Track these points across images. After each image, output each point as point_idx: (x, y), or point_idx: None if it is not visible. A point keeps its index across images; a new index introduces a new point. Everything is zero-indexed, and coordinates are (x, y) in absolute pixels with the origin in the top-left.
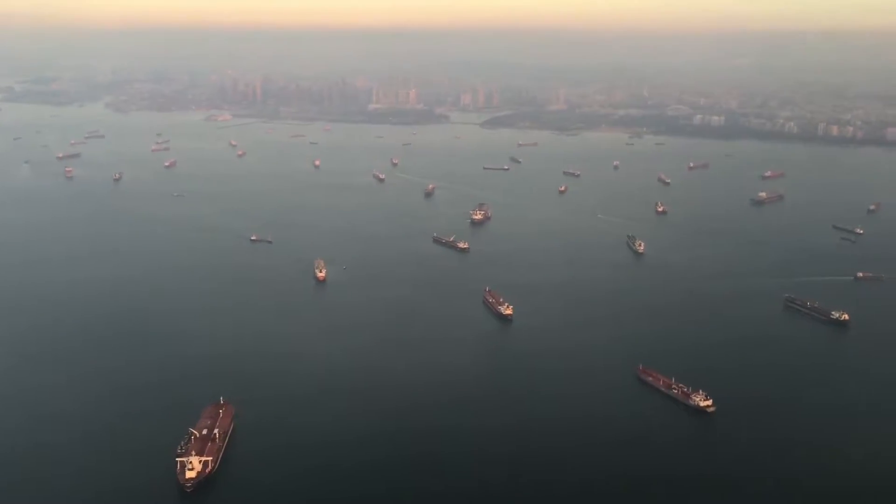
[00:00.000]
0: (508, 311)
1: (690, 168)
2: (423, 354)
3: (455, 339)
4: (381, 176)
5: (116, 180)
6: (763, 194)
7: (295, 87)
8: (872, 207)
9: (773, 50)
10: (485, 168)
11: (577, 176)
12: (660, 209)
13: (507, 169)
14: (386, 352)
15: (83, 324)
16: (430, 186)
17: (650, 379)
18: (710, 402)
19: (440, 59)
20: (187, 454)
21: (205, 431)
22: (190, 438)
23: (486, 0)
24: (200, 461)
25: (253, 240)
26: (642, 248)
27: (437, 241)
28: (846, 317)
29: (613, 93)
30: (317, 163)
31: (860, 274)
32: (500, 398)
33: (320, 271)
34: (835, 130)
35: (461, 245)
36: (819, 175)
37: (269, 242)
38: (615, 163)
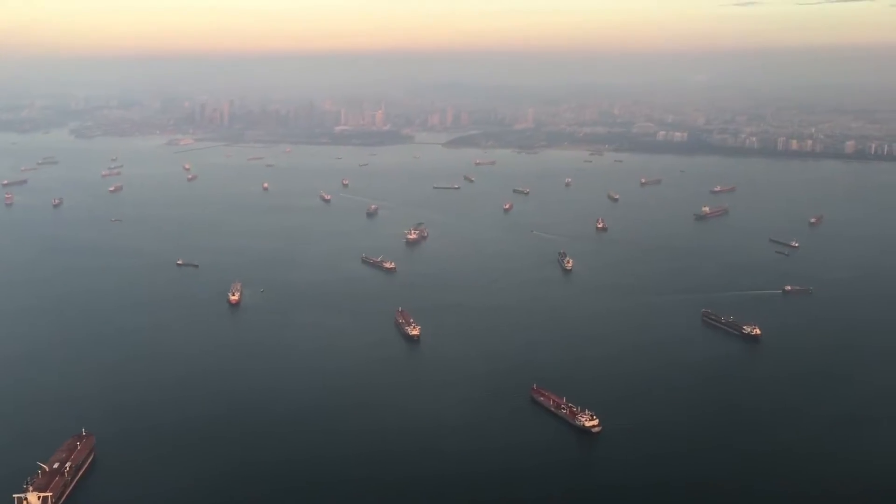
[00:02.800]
0: (415, 332)
1: (643, 184)
2: (317, 377)
3: (355, 359)
4: (327, 197)
5: (55, 206)
6: (706, 209)
7: (261, 111)
8: (813, 220)
9: (747, 67)
10: (435, 187)
11: (527, 193)
12: (599, 225)
13: (458, 188)
14: (278, 375)
15: None
16: (373, 207)
17: (542, 399)
18: (595, 422)
19: (412, 82)
20: (26, 491)
21: (56, 465)
22: (38, 474)
23: (461, 23)
24: (39, 497)
25: (179, 264)
26: (570, 265)
27: (365, 261)
28: (758, 331)
29: (583, 111)
30: (265, 185)
31: (788, 287)
32: (389, 422)
33: (233, 295)
34: (794, 144)
35: (388, 265)
36: (770, 189)
37: (196, 266)
38: (567, 180)
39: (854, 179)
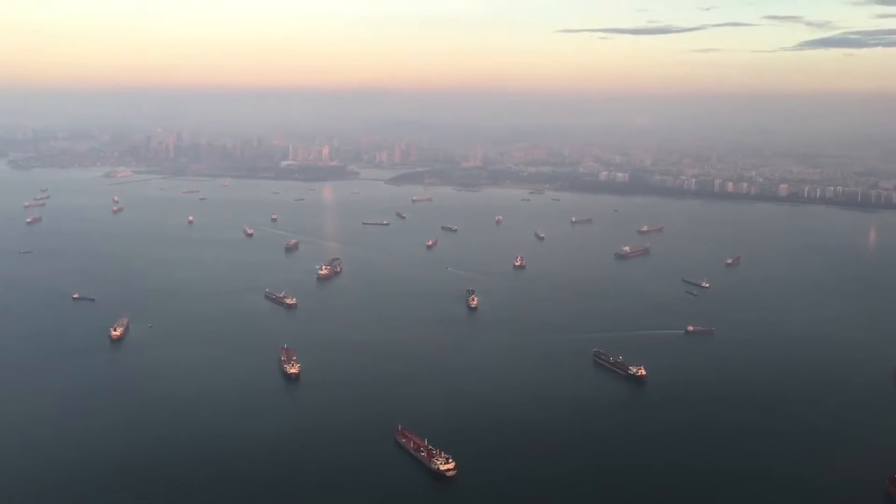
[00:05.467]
0: (294, 370)
1: (573, 223)
2: (176, 417)
3: (222, 396)
4: (250, 231)
5: None
6: (627, 248)
7: (208, 144)
8: (730, 261)
9: (700, 111)
10: (364, 223)
11: (455, 231)
12: (517, 263)
13: (387, 224)
14: (129, 413)
15: None
16: (293, 241)
17: (404, 440)
18: (451, 466)
19: (367, 119)
20: None
21: None
22: None
23: (420, 62)
24: None
25: (75, 298)
26: (475, 302)
27: (268, 296)
28: (643, 372)
29: (534, 151)
30: (190, 219)
31: (690, 328)
32: (238, 466)
33: (115, 330)
34: (730, 187)
35: (289, 301)
36: (696, 229)
37: (92, 300)
38: (498, 217)
39: (781, 222)
